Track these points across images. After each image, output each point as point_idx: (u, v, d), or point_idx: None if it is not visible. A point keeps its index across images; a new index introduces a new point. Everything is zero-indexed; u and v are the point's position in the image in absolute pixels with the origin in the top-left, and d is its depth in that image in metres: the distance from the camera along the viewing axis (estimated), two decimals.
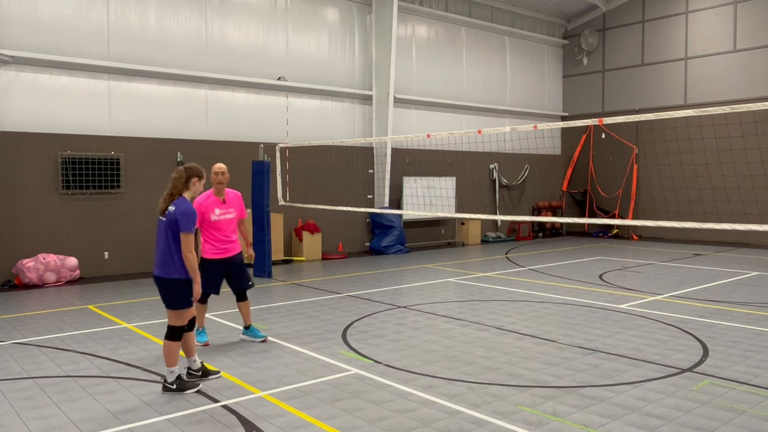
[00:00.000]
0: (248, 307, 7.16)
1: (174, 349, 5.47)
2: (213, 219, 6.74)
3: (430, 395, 5.29)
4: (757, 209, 16.35)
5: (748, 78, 17.32)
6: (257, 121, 14.26)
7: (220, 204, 6.81)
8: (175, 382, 5.44)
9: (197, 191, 5.70)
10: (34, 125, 11.49)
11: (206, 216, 6.72)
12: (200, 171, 5.69)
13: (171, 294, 5.45)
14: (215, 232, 6.77)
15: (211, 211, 6.73)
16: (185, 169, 5.62)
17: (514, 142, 18.61)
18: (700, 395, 5.26)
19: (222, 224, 6.79)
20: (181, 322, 5.51)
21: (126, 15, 12.40)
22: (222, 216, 6.79)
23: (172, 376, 5.44)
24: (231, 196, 6.96)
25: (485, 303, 9.32)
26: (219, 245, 6.80)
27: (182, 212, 5.38)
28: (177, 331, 5.50)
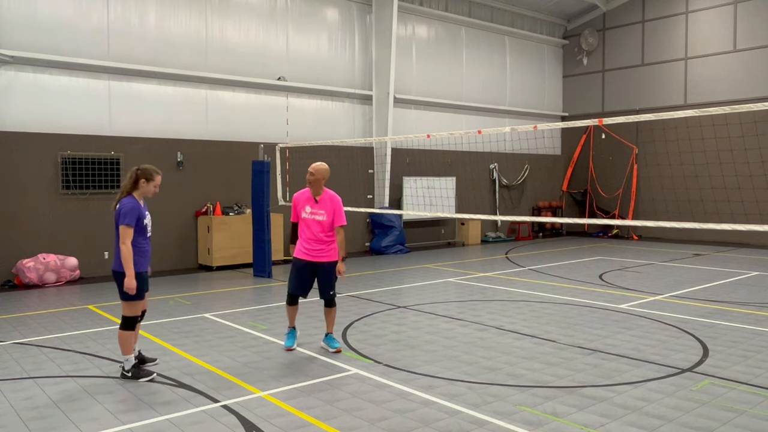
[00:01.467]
0: (331, 315, 6.79)
1: (128, 338, 5.80)
2: (303, 216, 6.63)
3: (430, 395, 5.29)
4: (757, 209, 16.35)
5: (748, 78, 17.32)
6: (257, 121, 14.26)
7: (312, 203, 6.62)
8: (131, 370, 5.78)
9: (147, 191, 5.87)
10: (34, 125, 11.49)
11: (299, 212, 6.66)
12: (148, 173, 5.84)
13: (122, 286, 5.72)
14: (305, 231, 6.62)
15: (302, 208, 6.64)
16: (136, 170, 5.87)
17: (514, 142, 18.62)
18: (700, 395, 5.26)
19: (311, 224, 6.58)
20: (134, 312, 5.83)
21: (126, 15, 12.40)
22: (311, 215, 6.59)
23: (128, 364, 5.79)
24: (326, 197, 6.65)
25: (485, 303, 9.32)
26: (305, 245, 6.60)
27: (124, 207, 5.69)
28: (130, 321, 5.81)
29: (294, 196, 6.74)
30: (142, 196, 5.86)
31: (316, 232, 6.58)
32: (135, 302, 5.80)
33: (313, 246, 6.60)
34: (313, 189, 6.63)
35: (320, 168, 6.62)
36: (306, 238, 6.61)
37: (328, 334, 6.84)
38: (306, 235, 6.61)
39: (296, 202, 6.70)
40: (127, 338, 5.78)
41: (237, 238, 13.08)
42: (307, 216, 6.60)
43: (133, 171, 5.86)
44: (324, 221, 6.59)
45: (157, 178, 5.91)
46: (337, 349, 6.69)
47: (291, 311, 6.86)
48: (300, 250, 6.65)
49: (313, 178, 6.58)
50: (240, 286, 11.08)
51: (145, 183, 5.82)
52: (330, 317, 6.83)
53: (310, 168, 6.65)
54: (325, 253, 6.63)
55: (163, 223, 12.59)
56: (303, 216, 6.62)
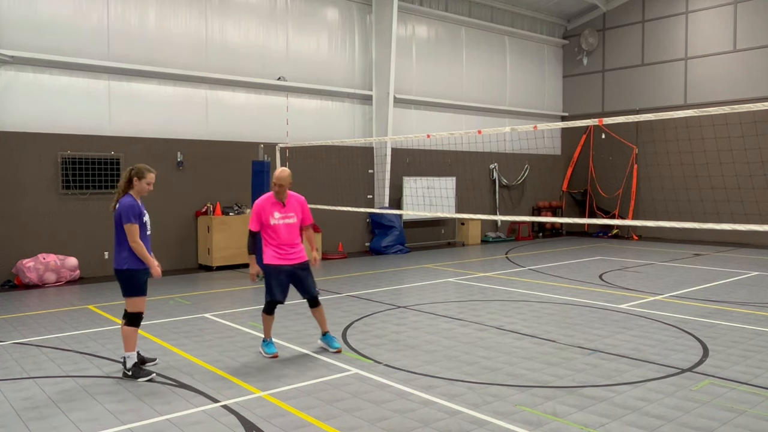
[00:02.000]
0: (322, 313, 6.80)
1: (132, 334, 5.88)
2: (272, 223, 6.51)
3: (430, 395, 5.29)
4: (757, 209, 16.36)
5: (748, 78, 17.32)
6: (257, 121, 14.26)
7: (279, 207, 6.56)
8: (131, 369, 5.83)
9: (142, 189, 5.97)
10: (34, 125, 11.50)
11: (265, 219, 6.51)
12: (140, 171, 5.96)
13: (125, 283, 5.85)
14: (275, 237, 6.53)
15: (270, 215, 6.51)
16: (129, 170, 6.01)
17: (514, 142, 18.62)
18: (700, 395, 5.26)
19: (282, 229, 6.54)
20: (139, 309, 5.91)
21: (126, 15, 12.40)
22: (282, 220, 6.54)
23: (130, 361, 5.85)
24: (292, 200, 6.68)
25: (485, 303, 9.32)
26: (280, 251, 6.54)
27: (123, 206, 5.80)
28: (136, 318, 5.90)
29: (256, 204, 6.56)
30: (138, 194, 5.98)
31: (291, 235, 6.60)
32: (140, 298, 5.88)
33: (288, 250, 6.58)
34: (280, 195, 6.60)
35: (286, 175, 6.59)
36: (279, 243, 6.55)
37: (326, 333, 6.81)
38: (279, 241, 6.55)
39: (261, 210, 6.53)
40: (132, 335, 5.87)
41: (237, 238, 13.07)
42: (278, 222, 6.54)
43: (127, 171, 6.01)
44: (295, 223, 6.66)
45: (149, 175, 5.98)
46: (338, 349, 6.67)
47: (270, 321, 6.69)
48: (274, 257, 6.55)
49: (282, 189, 6.56)
50: (240, 286, 11.08)
51: (138, 181, 5.93)
52: (321, 315, 6.81)
53: (278, 179, 6.53)
54: (301, 254, 6.70)
55: (163, 223, 12.60)
56: (272, 223, 6.52)
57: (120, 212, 5.78)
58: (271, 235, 6.55)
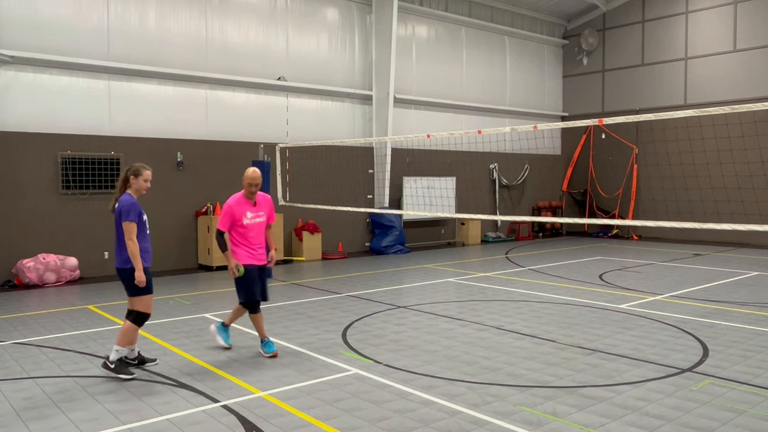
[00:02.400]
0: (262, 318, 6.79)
1: (132, 331, 5.92)
2: (246, 223, 6.49)
3: (430, 395, 5.29)
4: (757, 209, 16.35)
5: (748, 78, 17.32)
6: (257, 121, 14.26)
7: (251, 207, 6.56)
8: (115, 363, 5.82)
9: (139, 187, 6.01)
10: (34, 125, 11.50)
11: (239, 219, 6.48)
12: (137, 169, 6.02)
13: (130, 282, 5.85)
14: (247, 237, 6.53)
15: (243, 215, 6.49)
16: (126, 169, 6.08)
17: (514, 142, 18.62)
18: (700, 395, 5.26)
19: (253, 228, 6.56)
20: (147, 308, 5.95)
21: (126, 15, 12.40)
22: (253, 220, 6.56)
23: (116, 355, 5.84)
24: (261, 199, 6.70)
25: (485, 303, 9.32)
26: (252, 251, 6.54)
27: (123, 204, 5.85)
28: (142, 317, 5.95)
29: (229, 205, 6.49)
30: (137, 193, 6.01)
31: (259, 234, 6.63)
32: (147, 296, 5.92)
33: (259, 250, 6.61)
34: (250, 194, 6.56)
35: (259, 175, 6.60)
36: (251, 243, 6.55)
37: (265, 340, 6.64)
38: (251, 241, 6.54)
39: (234, 210, 6.47)
40: (132, 332, 5.89)
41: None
42: (250, 221, 6.53)
43: (124, 170, 6.11)
44: (263, 223, 6.69)
45: (145, 173, 6.01)
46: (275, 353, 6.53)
47: (260, 320, 6.64)
48: (247, 256, 6.52)
49: (257, 189, 6.58)
50: None
51: (135, 179, 5.97)
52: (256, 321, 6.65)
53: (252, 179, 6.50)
54: (265, 254, 6.72)
55: (163, 223, 12.60)
56: (246, 222, 6.49)
57: (120, 210, 5.81)
58: (243, 234, 6.52)
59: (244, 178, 6.54)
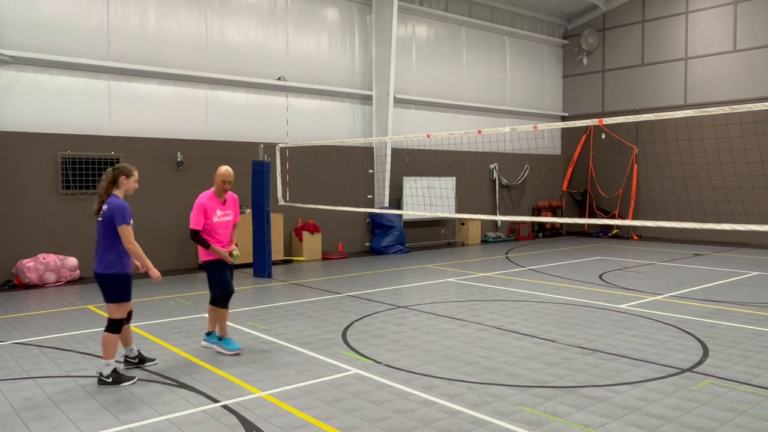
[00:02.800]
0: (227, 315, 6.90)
1: (114, 341, 5.69)
2: (215, 221, 6.61)
3: (430, 395, 5.29)
4: (757, 209, 16.35)
5: (748, 78, 17.32)
6: (257, 121, 14.26)
7: (220, 205, 6.68)
8: (111, 375, 5.62)
9: (129, 188, 5.91)
10: (34, 125, 11.49)
11: (209, 217, 6.57)
12: (127, 169, 5.88)
13: (111, 288, 5.68)
14: (216, 234, 6.63)
15: (213, 213, 6.60)
16: (113, 170, 5.87)
17: (514, 142, 18.62)
18: (700, 395, 5.26)
19: (224, 226, 6.70)
20: (122, 314, 5.76)
21: (126, 15, 12.40)
22: (222, 218, 6.68)
23: (108, 368, 5.63)
24: (229, 198, 6.83)
25: (485, 303, 9.32)
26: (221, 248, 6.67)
27: (115, 207, 5.68)
28: (118, 324, 5.72)
29: (201, 202, 6.55)
30: (124, 194, 5.88)
31: (227, 232, 6.74)
32: (124, 304, 5.76)
33: (225, 247, 6.71)
34: (221, 192, 6.67)
35: (232, 172, 6.69)
36: (219, 241, 6.64)
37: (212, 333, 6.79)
38: (219, 238, 6.65)
39: (206, 208, 6.54)
40: (113, 342, 5.68)
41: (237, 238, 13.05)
42: (219, 219, 6.62)
43: (109, 171, 5.86)
44: (231, 221, 6.79)
45: (135, 173, 5.92)
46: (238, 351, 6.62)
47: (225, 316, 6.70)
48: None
49: (230, 187, 6.69)
50: (240, 286, 11.07)
51: (126, 180, 5.85)
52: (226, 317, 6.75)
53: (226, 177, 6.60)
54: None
55: (163, 223, 12.60)
56: (215, 221, 6.58)
57: (112, 213, 5.65)
58: (210, 232, 6.59)
59: (218, 176, 6.59)
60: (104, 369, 5.63)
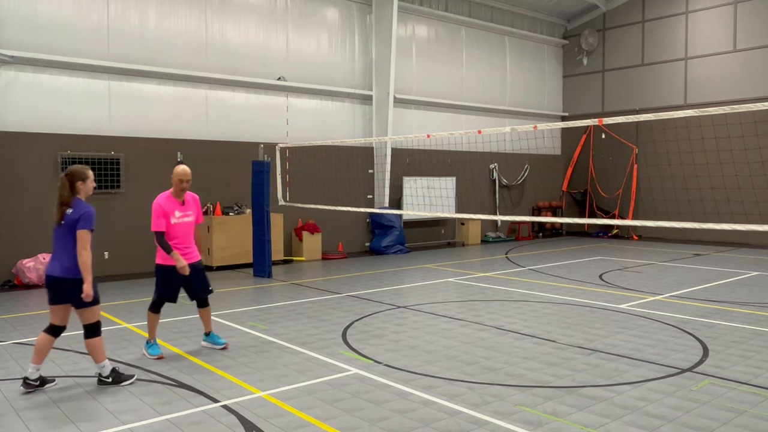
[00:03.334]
0: (209, 313, 6.91)
1: (99, 344, 5.61)
2: (173, 222, 6.41)
3: (430, 395, 5.29)
4: (757, 209, 16.36)
5: (748, 78, 17.32)
6: (257, 121, 14.26)
7: (179, 206, 6.50)
8: (111, 375, 5.62)
9: (88, 191, 5.71)
10: (34, 125, 11.49)
11: (167, 219, 6.41)
12: (82, 173, 5.66)
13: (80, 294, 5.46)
14: (174, 237, 6.45)
15: (171, 214, 6.41)
16: (66, 176, 5.64)
17: (514, 142, 18.62)
18: (700, 395, 5.26)
19: (181, 228, 6.50)
20: (96, 318, 5.61)
21: (126, 15, 12.40)
22: (181, 219, 6.49)
23: (106, 370, 5.62)
24: (189, 198, 6.64)
25: (485, 303, 9.32)
26: (179, 251, 6.47)
27: (85, 211, 5.52)
28: (96, 327, 5.61)
29: (158, 204, 6.40)
30: (85, 196, 5.70)
31: (187, 234, 6.58)
32: (95, 307, 5.59)
33: (184, 250, 6.52)
34: (180, 192, 6.51)
35: (189, 171, 6.55)
36: (176, 243, 6.46)
37: (210, 333, 6.87)
38: (176, 241, 6.46)
39: (164, 210, 6.39)
40: (98, 345, 5.59)
41: (237, 238, 13.08)
42: (177, 221, 6.46)
43: (63, 178, 5.63)
44: (191, 222, 6.63)
45: (90, 174, 5.72)
46: (225, 345, 6.77)
47: (156, 321, 6.63)
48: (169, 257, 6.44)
49: (188, 187, 6.54)
50: (240, 286, 11.08)
51: (83, 184, 5.66)
52: (208, 315, 6.86)
53: (183, 176, 6.45)
54: (195, 252, 6.70)
55: None
56: (173, 222, 6.41)
57: (80, 217, 5.47)
58: (170, 234, 6.44)
59: (175, 175, 6.46)
60: (102, 370, 5.63)
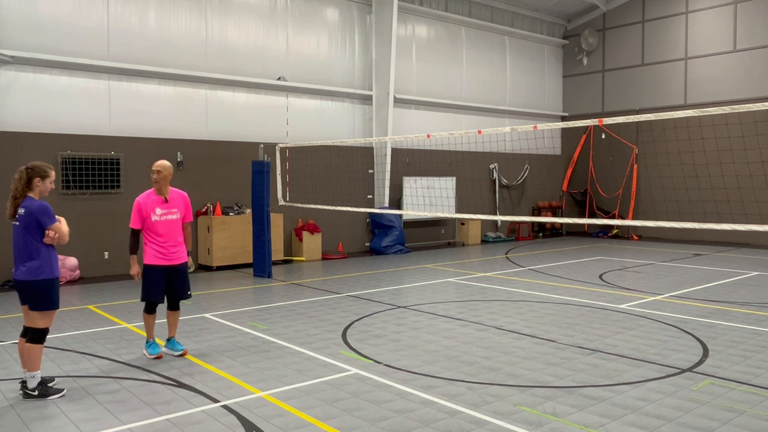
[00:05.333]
0: (177, 318, 6.74)
1: (38, 352, 5.33)
2: (153, 219, 6.30)
3: (430, 395, 5.29)
4: (757, 209, 16.35)
5: (748, 78, 17.32)
6: (257, 121, 14.26)
7: (161, 203, 6.37)
8: (37, 388, 5.31)
9: (44, 190, 5.43)
10: (34, 125, 11.49)
11: (147, 217, 6.29)
12: (42, 170, 5.40)
13: (39, 296, 5.27)
14: (157, 235, 6.32)
15: (151, 211, 6.29)
16: (26, 169, 5.36)
17: (514, 142, 18.61)
18: (700, 395, 5.26)
19: (164, 225, 6.35)
20: (48, 324, 5.36)
21: (126, 15, 12.40)
22: (164, 217, 6.34)
23: (34, 381, 5.30)
24: (175, 195, 6.50)
25: (485, 303, 9.32)
26: (161, 249, 6.33)
27: (37, 210, 5.22)
28: (43, 334, 5.35)
29: (137, 201, 6.33)
30: (40, 196, 5.39)
31: (172, 232, 6.39)
32: (51, 311, 5.36)
33: (170, 249, 6.38)
34: (160, 189, 6.39)
35: (166, 165, 6.41)
36: (161, 242, 6.33)
37: (172, 339, 6.65)
38: (161, 239, 6.33)
39: (142, 207, 6.30)
40: (37, 353, 5.32)
41: (237, 238, 13.08)
42: (159, 218, 6.32)
43: (22, 171, 5.35)
44: (177, 220, 6.45)
45: (51, 173, 5.47)
46: (184, 352, 6.55)
47: (152, 321, 6.53)
48: (156, 256, 6.33)
49: (161, 176, 6.35)
50: (240, 286, 11.08)
51: (41, 182, 5.38)
52: (176, 320, 6.70)
53: (156, 167, 6.37)
54: (181, 254, 6.50)
55: None
56: (153, 219, 6.30)
57: (36, 215, 5.19)
58: (152, 232, 6.32)
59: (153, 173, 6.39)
60: (30, 381, 5.29)
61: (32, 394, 5.28)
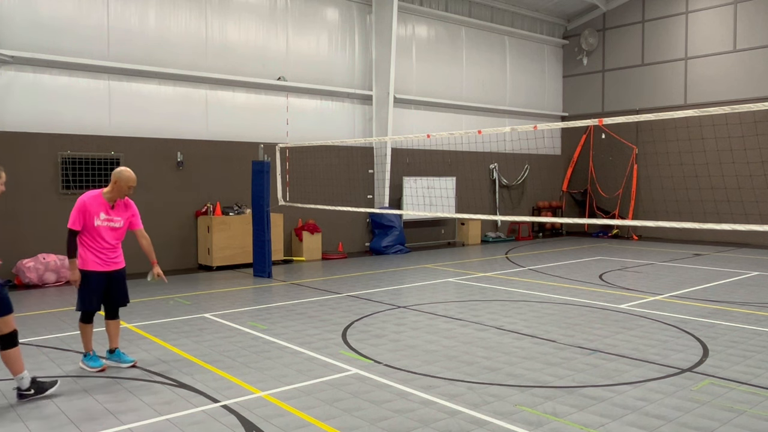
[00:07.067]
0: (119, 328, 6.40)
1: (17, 354, 5.23)
2: (96, 224, 5.99)
3: (430, 395, 5.29)
4: (757, 209, 16.35)
5: (748, 78, 17.32)
6: (257, 121, 14.26)
7: (107, 209, 6.08)
8: (32, 387, 5.27)
9: None
10: (34, 125, 11.49)
11: (89, 220, 5.96)
12: None
13: None
14: (98, 240, 6.03)
15: (95, 215, 5.98)
16: None
17: (514, 142, 18.61)
18: (700, 395, 5.26)
19: (105, 232, 6.06)
20: (10, 328, 5.20)
21: (126, 15, 12.40)
22: (105, 222, 6.06)
23: (25, 381, 5.25)
24: (121, 204, 6.21)
25: (485, 303, 9.32)
26: (100, 255, 6.06)
27: None
28: (11, 337, 5.21)
29: (82, 201, 5.96)
30: None
31: (112, 239, 6.12)
32: (10, 316, 5.21)
33: (109, 255, 6.12)
34: (112, 195, 6.10)
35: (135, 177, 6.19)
36: (100, 247, 6.05)
37: (116, 350, 6.32)
38: (99, 244, 6.05)
39: (87, 208, 5.95)
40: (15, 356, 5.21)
41: (237, 238, 13.08)
42: (101, 223, 6.02)
43: None
44: (119, 228, 6.19)
45: (2, 174, 5.26)
46: (134, 363, 6.25)
47: (89, 331, 6.18)
48: (93, 262, 6.03)
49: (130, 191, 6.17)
50: (240, 286, 11.08)
51: None
52: (117, 329, 6.36)
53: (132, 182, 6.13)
54: (120, 260, 6.25)
55: (163, 223, 12.60)
56: (96, 224, 5.99)
57: None
58: (92, 237, 6.03)
59: (121, 180, 6.06)
60: (21, 383, 5.24)
61: (29, 394, 5.25)
